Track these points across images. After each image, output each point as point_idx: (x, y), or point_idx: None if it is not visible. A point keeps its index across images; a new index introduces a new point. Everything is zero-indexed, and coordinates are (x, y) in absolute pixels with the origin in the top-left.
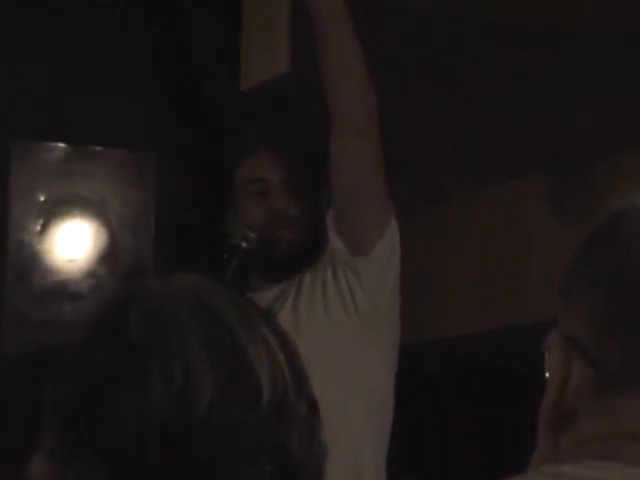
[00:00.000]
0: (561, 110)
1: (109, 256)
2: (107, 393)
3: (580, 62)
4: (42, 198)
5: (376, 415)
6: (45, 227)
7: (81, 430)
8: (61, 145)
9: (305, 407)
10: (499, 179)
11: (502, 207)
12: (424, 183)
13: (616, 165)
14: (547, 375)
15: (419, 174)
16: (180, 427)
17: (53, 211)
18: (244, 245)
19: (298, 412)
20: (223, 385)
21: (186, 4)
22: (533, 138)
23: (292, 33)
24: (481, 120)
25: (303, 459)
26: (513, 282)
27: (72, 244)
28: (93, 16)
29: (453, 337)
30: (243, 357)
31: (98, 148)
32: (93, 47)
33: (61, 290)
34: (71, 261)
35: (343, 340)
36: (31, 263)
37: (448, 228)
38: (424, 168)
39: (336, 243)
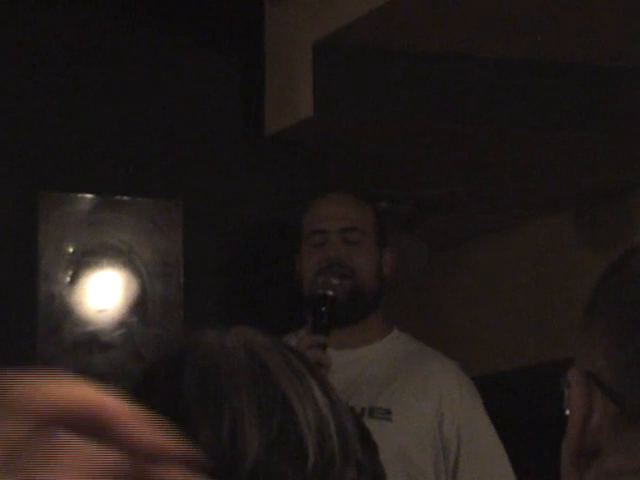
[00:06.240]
0: (592, 145)
1: (139, 305)
2: None
3: (608, 96)
4: (71, 249)
5: None
6: (74, 278)
7: None
8: (89, 196)
9: (353, 470)
10: (529, 216)
11: (534, 243)
12: (456, 220)
13: None
14: (567, 412)
15: (451, 211)
16: None
17: (82, 262)
18: (331, 293)
19: (345, 476)
20: (269, 446)
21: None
22: (564, 173)
23: (315, 77)
24: (512, 157)
25: None
26: (545, 318)
27: (102, 294)
28: (119, 70)
29: (484, 375)
30: (292, 419)
31: (125, 198)
32: (119, 99)
33: (92, 340)
34: (101, 311)
35: None
36: (61, 314)
37: (479, 265)
38: (456, 205)
39: None
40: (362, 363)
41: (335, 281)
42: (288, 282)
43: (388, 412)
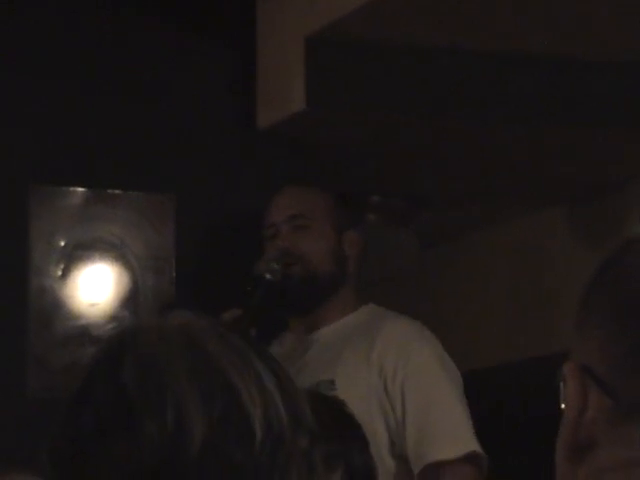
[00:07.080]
0: (583, 140)
1: (131, 299)
2: (101, 441)
3: (603, 92)
4: (62, 242)
5: None
6: (66, 271)
7: (76, 478)
8: (80, 189)
9: (305, 440)
10: (524, 211)
11: (527, 238)
12: (449, 216)
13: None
14: (563, 406)
15: (444, 207)
16: (173, 470)
17: (74, 255)
18: (268, 277)
19: (296, 447)
20: (215, 427)
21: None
22: (556, 169)
23: (308, 71)
24: (506, 152)
25: None
26: (540, 313)
27: (93, 288)
28: (110, 64)
29: (480, 369)
30: (235, 399)
31: (117, 191)
32: (110, 93)
33: (83, 334)
34: (93, 305)
35: None
36: (53, 308)
37: (473, 260)
38: (449, 201)
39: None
40: (324, 341)
41: (275, 266)
42: None
43: (332, 382)
